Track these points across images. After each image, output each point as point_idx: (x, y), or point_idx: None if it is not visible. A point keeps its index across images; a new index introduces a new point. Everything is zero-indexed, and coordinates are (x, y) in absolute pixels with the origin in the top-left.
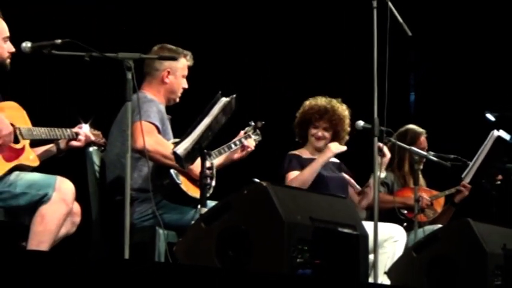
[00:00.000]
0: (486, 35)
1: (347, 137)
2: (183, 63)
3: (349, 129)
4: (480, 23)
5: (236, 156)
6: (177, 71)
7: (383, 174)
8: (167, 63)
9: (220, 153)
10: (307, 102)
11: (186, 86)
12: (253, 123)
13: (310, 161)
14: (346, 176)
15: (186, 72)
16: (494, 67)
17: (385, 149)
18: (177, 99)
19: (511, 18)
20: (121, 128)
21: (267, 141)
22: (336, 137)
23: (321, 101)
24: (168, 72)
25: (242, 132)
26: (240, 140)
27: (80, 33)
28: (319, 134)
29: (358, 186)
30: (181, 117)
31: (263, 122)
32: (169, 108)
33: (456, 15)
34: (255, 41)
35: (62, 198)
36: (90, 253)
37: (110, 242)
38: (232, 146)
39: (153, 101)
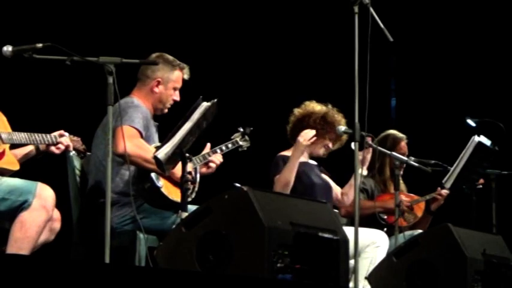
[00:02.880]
0: (467, 41)
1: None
2: (177, 75)
3: (345, 138)
4: (461, 29)
5: (203, 170)
6: (169, 82)
7: (365, 172)
8: (159, 73)
9: (204, 159)
10: (317, 109)
11: (177, 98)
12: (241, 129)
13: (304, 164)
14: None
15: (178, 85)
16: (475, 72)
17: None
18: (165, 110)
19: (492, 24)
20: (105, 131)
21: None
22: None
23: (332, 111)
24: (159, 82)
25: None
26: (226, 145)
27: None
28: (330, 145)
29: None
30: (168, 123)
31: (251, 128)
32: (156, 116)
33: (437, 21)
34: (237, 46)
35: (42, 205)
36: (70, 257)
37: (90, 246)
38: (218, 151)
39: (139, 106)
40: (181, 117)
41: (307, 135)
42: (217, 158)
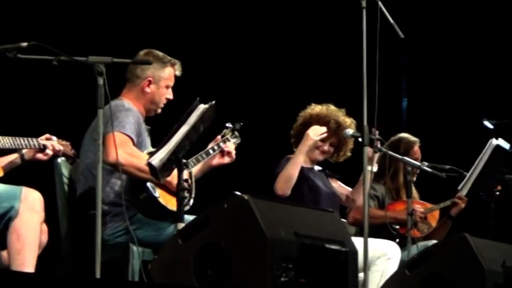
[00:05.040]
0: (485, 35)
1: (348, 154)
2: (169, 72)
3: (352, 147)
4: (478, 22)
5: (215, 162)
6: (161, 80)
7: (375, 168)
8: (150, 71)
9: (198, 161)
10: (317, 109)
11: (170, 96)
12: (231, 125)
13: (307, 170)
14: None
15: (171, 83)
16: (493, 70)
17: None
18: (159, 110)
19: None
20: (93, 137)
21: (251, 150)
22: (336, 152)
23: (334, 112)
24: (150, 81)
25: (219, 136)
26: (218, 145)
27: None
28: (325, 148)
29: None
30: (162, 126)
31: (241, 124)
32: (148, 118)
33: (451, 14)
34: (238, 43)
35: (30, 207)
36: (58, 271)
37: (79, 260)
38: (210, 151)
39: (131, 110)
40: (176, 120)
41: (317, 130)
42: (231, 147)
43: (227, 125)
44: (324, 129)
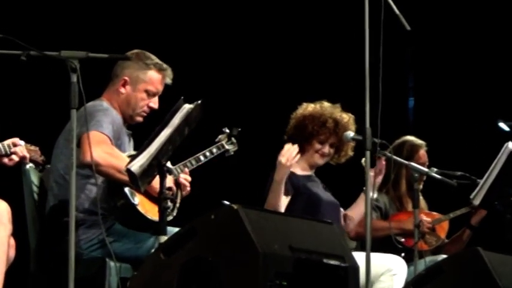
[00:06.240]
0: (498, 29)
1: (350, 153)
2: (151, 76)
3: (353, 144)
4: (490, 14)
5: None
6: (138, 82)
7: (375, 195)
8: (128, 71)
9: (185, 167)
10: (309, 108)
11: (154, 105)
12: (227, 131)
13: (305, 178)
14: None
15: (152, 88)
16: (509, 67)
17: (381, 165)
18: (137, 118)
19: None
20: (68, 139)
21: (244, 155)
22: (336, 152)
23: (329, 109)
24: (125, 81)
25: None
26: (210, 151)
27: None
28: (326, 150)
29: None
30: (144, 130)
31: (239, 129)
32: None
33: (462, 5)
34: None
35: None
36: None
37: (50, 276)
38: (201, 158)
39: (109, 109)
40: (159, 122)
41: (288, 153)
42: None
43: (224, 129)
44: (296, 148)
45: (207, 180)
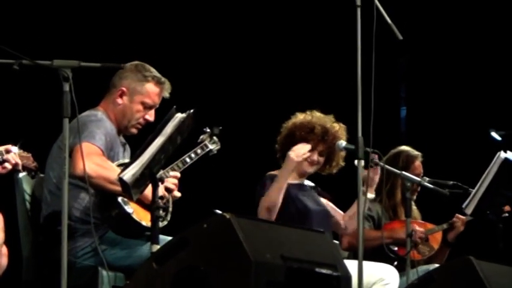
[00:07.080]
0: (491, 39)
1: (342, 163)
2: (148, 89)
3: (344, 155)
4: (483, 24)
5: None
6: (135, 94)
7: (371, 195)
8: (126, 82)
9: (173, 170)
10: (300, 117)
11: (150, 118)
12: (208, 130)
13: (295, 187)
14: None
15: (149, 101)
16: (501, 77)
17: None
18: (132, 129)
19: None
20: (61, 146)
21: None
22: (327, 162)
23: (320, 117)
24: (123, 91)
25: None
26: (195, 152)
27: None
28: (314, 158)
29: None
30: (138, 139)
31: (220, 128)
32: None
33: (454, 15)
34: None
35: None
36: None
37: (43, 285)
38: (187, 160)
39: (103, 121)
40: (152, 131)
41: (299, 149)
42: (170, 183)
43: (205, 129)
44: (307, 147)
45: (199, 189)
